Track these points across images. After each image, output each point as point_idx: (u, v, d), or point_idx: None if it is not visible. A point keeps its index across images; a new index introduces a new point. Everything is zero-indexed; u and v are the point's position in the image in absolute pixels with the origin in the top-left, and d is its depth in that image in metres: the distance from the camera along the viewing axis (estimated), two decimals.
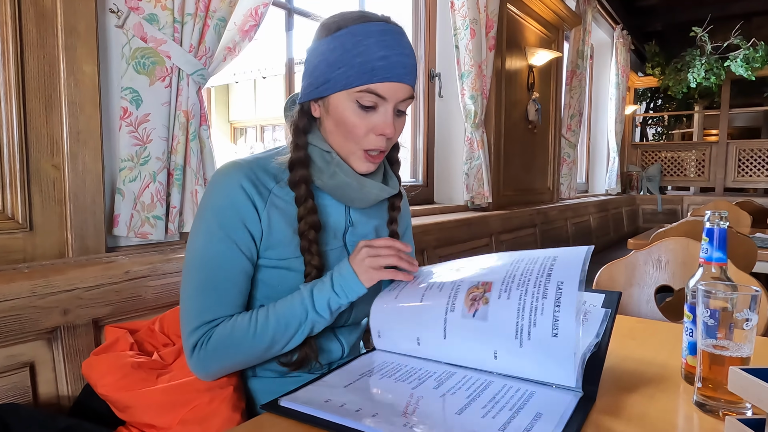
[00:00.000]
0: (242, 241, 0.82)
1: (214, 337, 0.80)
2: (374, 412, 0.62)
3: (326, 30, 0.83)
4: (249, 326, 0.79)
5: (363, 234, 0.93)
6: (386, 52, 0.79)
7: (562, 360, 0.69)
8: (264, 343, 0.80)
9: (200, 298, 0.80)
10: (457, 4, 2.62)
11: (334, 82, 0.81)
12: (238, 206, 0.81)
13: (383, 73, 0.79)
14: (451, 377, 0.73)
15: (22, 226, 1.04)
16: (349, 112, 0.82)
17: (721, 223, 0.73)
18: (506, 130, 3.21)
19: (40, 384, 0.92)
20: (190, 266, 0.82)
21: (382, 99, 0.81)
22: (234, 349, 0.80)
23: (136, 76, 1.20)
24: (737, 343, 0.65)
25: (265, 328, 0.79)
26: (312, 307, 0.79)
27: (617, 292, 0.85)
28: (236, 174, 0.83)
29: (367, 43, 0.79)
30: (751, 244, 1.95)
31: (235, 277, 0.82)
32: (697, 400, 0.68)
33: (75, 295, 0.97)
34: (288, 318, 0.79)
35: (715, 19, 5.77)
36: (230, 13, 1.33)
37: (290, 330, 0.80)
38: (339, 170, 0.85)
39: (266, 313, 0.80)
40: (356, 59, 0.79)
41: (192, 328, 0.80)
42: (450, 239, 2.33)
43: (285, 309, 0.80)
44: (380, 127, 0.83)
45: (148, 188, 1.22)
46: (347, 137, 0.84)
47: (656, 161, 6.63)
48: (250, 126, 11.04)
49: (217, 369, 0.82)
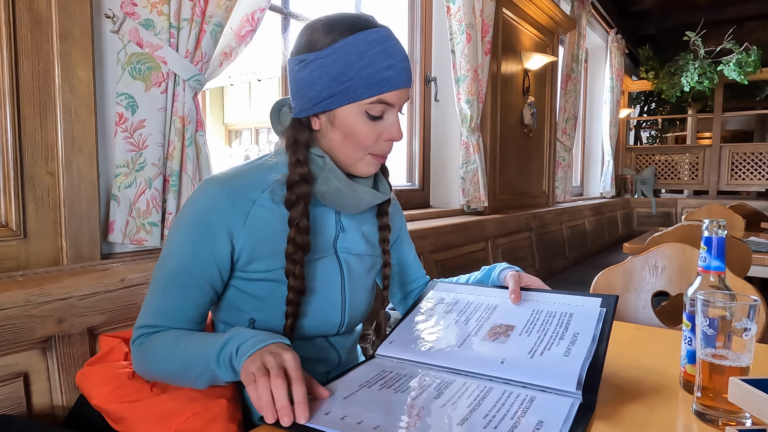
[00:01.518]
0: (207, 260, 0.80)
1: (146, 343, 0.80)
2: (376, 425, 0.61)
3: (321, 40, 0.80)
4: (166, 348, 0.77)
5: (353, 240, 0.92)
6: (391, 60, 0.79)
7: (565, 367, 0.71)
8: (170, 370, 0.77)
9: (153, 301, 0.81)
10: (453, 8, 2.63)
11: (340, 95, 0.79)
12: (208, 232, 0.79)
13: (392, 82, 0.80)
14: (450, 385, 0.72)
15: (16, 233, 1.03)
16: (360, 124, 0.82)
17: (719, 231, 0.73)
18: (502, 134, 3.22)
19: (34, 394, 0.91)
20: (156, 268, 0.82)
21: (390, 106, 0.82)
22: (151, 363, 0.79)
23: (131, 82, 1.20)
24: (736, 353, 0.65)
25: (172, 357, 0.76)
26: (216, 359, 0.71)
27: (614, 295, 0.86)
28: (213, 194, 0.80)
29: (372, 54, 0.78)
30: (746, 248, 1.96)
31: (191, 292, 0.80)
32: (696, 410, 0.68)
33: (70, 304, 0.96)
34: (194, 359, 0.74)
35: (708, 23, 5.82)
36: (227, 18, 1.32)
37: (192, 373, 0.75)
38: (332, 176, 0.84)
39: (185, 342, 0.76)
40: (363, 71, 0.78)
41: (138, 325, 0.81)
42: (446, 244, 2.33)
43: (197, 348, 0.74)
44: (389, 133, 0.83)
45: (144, 194, 1.21)
46: (356, 146, 0.84)
47: (650, 164, 6.67)
48: (245, 128, 11.02)
49: (142, 372, 0.82)
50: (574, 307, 0.86)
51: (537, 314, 0.87)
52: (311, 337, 0.89)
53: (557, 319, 0.84)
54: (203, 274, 0.81)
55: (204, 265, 0.80)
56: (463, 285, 1.02)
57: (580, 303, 0.87)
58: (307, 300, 0.86)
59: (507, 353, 0.78)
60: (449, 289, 1.00)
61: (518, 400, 0.68)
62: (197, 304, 0.82)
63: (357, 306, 0.93)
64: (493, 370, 0.75)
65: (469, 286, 1.00)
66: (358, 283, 0.93)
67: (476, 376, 0.75)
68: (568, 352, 0.75)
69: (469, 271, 1.12)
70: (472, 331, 0.86)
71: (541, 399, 0.68)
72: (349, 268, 0.91)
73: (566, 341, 0.78)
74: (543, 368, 0.73)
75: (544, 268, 3.51)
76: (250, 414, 0.90)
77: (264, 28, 1.46)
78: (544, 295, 0.91)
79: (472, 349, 0.81)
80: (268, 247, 0.82)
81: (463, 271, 1.00)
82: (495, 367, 0.75)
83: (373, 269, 0.98)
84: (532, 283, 0.95)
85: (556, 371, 0.72)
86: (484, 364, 0.76)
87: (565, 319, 0.84)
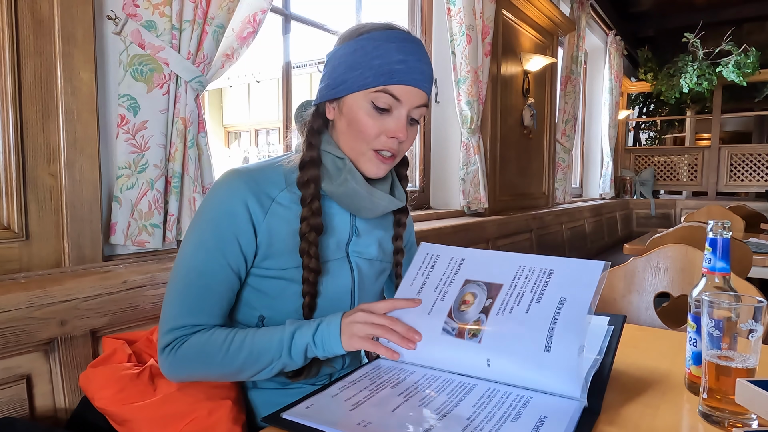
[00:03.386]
0: (231, 254, 0.81)
1: (187, 345, 0.78)
2: (381, 428, 0.61)
3: (348, 36, 0.84)
4: (222, 345, 0.78)
5: (366, 245, 0.93)
6: (405, 56, 0.80)
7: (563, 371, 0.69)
8: (232, 367, 0.78)
9: (180, 301, 0.80)
10: (454, 10, 2.63)
11: (351, 82, 0.82)
12: (233, 219, 0.80)
13: (401, 75, 0.80)
14: (453, 386, 0.72)
15: (18, 235, 1.03)
16: (362, 113, 0.82)
17: (724, 233, 0.73)
18: (502, 135, 3.22)
19: (36, 397, 0.91)
20: (177, 269, 0.81)
21: (397, 101, 0.82)
22: (202, 363, 0.78)
23: (133, 83, 1.19)
24: (742, 354, 0.65)
25: (238, 353, 0.77)
26: (288, 350, 0.77)
27: (622, 315, 0.85)
28: (236, 184, 0.82)
29: (387, 47, 0.80)
30: (747, 249, 1.96)
31: (217, 287, 0.81)
32: (702, 411, 0.68)
33: (72, 306, 0.95)
34: (261, 351, 0.77)
35: (707, 25, 5.83)
36: (228, 20, 1.32)
37: (260, 363, 0.78)
38: (350, 177, 0.84)
39: (243, 338, 0.78)
40: (375, 61, 0.80)
41: (167, 329, 0.79)
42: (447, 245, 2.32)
43: (262, 341, 0.78)
44: (392, 130, 0.83)
45: (146, 196, 1.21)
46: (358, 137, 0.84)
47: (649, 166, 6.67)
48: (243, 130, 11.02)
49: (184, 375, 0.81)
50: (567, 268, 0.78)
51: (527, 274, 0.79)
52: None
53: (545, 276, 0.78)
54: (232, 265, 0.81)
55: (232, 257, 0.80)
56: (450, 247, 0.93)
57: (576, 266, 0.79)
58: (316, 300, 0.86)
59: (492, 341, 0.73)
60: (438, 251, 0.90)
61: (521, 400, 0.68)
62: (229, 298, 0.83)
63: None
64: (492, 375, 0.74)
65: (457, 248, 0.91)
66: (367, 287, 0.93)
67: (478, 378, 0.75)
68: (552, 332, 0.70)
69: None
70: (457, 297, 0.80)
71: (543, 399, 0.68)
72: (360, 272, 0.91)
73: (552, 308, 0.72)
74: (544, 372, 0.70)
75: None
76: (254, 416, 0.90)
77: (263, 30, 1.46)
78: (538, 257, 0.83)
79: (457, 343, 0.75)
80: (283, 244, 0.83)
81: None
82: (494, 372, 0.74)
83: (383, 275, 0.98)
84: None
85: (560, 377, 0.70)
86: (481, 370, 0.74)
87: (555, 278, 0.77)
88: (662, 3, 6.38)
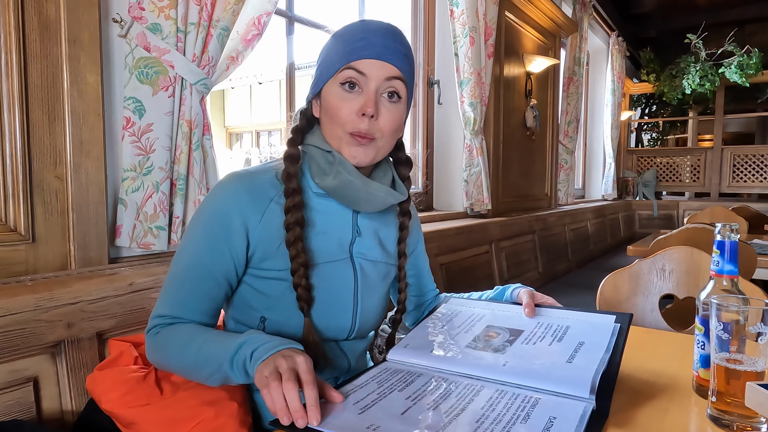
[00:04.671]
0: (220, 256, 0.81)
1: (161, 334, 0.80)
2: (388, 430, 0.61)
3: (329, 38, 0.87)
4: (182, 342, 0.78)
5: (370, 246, 0.92)
6: (366, 34, 0.82)
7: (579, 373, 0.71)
8: (184, 364, 0.78)
9: (167, 292, 0.82)
10: (457, 12, 2.63)
11: (323, 73, 0.85)
12: (225, 222, 0.81)
13: (361, 51, 0.81)
14: (462, 389, 0.72)
15: (25, 237, 1.03)
16: (333, 96, 0.83)
17: (732, 235, 0.73)
18: (505, 136, 3.22)
19: (43, 399, 0.91)
20: (173, 260, 0.83)
21: (362, 76, 0.81)
22: (165, 353, 0.80)
23: (139, 86, 1.20)
24: (752, 357, 0.65)
25: (187, 352, 0.77)
26: (230, 360, 0.71)
27: (628, 313, 0.87)
28: (233, 187, 0.82)
29: (352, 32, 0.83)
30: (751, 250, 1.96)
31: (201, 285, 0.82)
32: (711, 414, 0.68)
33: (79, 308, 0.95)
34: (208, 358, 0.75)
35: (710, 26, 5.83)
36: (233, 23, 1.33)
37: (204, 371, 0.75)
38: (342, 169, 0.84)
39: (201, 339, 0.77)
40: (339, 47, 0.83)
41: (153, 315, 0.82)
42: (450, 247, 2.32)
43: (211, 347, 0.75)
44: (361, 106, 0.82)
45: (151, 198, 1.21)
46: (333, 122, 0.84)
47: (652, 167, 6.67)
48: (245, 131, 11.03)
49: (155, 361, 0.83)
50: (585, 323, 0.87)
51: (546, 325, 0.88)
52: (320, 340, 0.89)
53: (564, 328, 0.86)
54: (219, 266, 0.82)
55: (220, 258, 0.81)
56: (475, 300, 1.02)
57: (593, 320, 0.88)
58: (319, 302, 0.86)
59: (514, 355, 0.79)
60: (462, 304, 1.01)
61: (530, 401, 0.68)
62: (212, 297, 0.83)
63: (369, 312, 0.93)
64: (504, 375, 0.75)
65: (482, 302, 1.01)
66: (371, 289, 0.92)
67: (487, 380, 0.75)
68: (572, 359, 0.76)
69: (473, 274, 1.13)
70: (480, 333, 0.88)
71: (552, 401, 0.68)
72: (363, 273, 0.91)
73: (571, 347, 0.80)
74: (555, 373, 0.73)
75: (547, 270, 3.51)
76: (260, 418, 0.89)
77: (266, 31, 1.47)
78: (557, 311, 0.93)
79: (480, 353, 0.81)
80: (279, 244, 0.83)
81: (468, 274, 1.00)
82: (506, 372, 0.75)
83: (388, 277, 0.98)
84: (546, 300, 0.97)
85: (569, 377, 0.72)
86: (493, 370, 0.76)
87: (573, 330, 0.85)
88: (664, 4, 6.38)
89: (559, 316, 0.91)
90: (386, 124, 0.84)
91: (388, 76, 0.82)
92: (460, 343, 0.85)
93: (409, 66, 0.86)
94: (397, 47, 0.83)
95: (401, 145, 0.97)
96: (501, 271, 2.82)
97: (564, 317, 0.90)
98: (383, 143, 0.86)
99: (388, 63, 0.82)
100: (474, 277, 2.45)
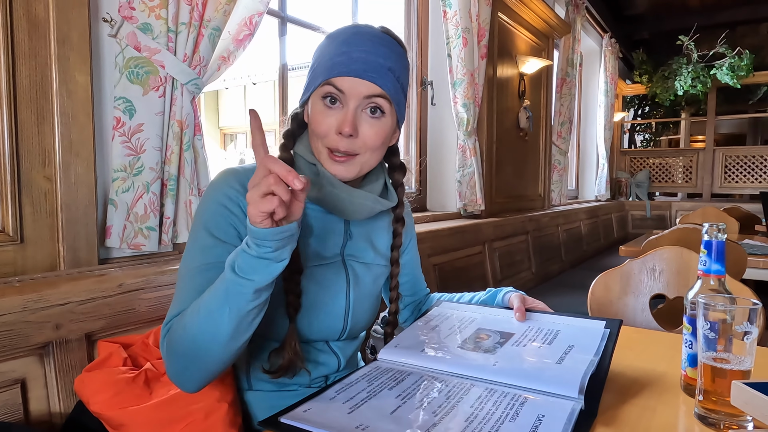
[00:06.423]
0: (228, 240, 0.79)
1: (172, 328, 0.74)
2: (380, 431, 0.61)
3: None
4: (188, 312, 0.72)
5: (361, 249, 0.92)
6: (348, 48, 0.80)
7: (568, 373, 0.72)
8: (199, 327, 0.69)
9: (179, 293, 0.78)
10: (450, 12, 2.64)
11: (309, 83, 0.84)
12: (228, 209, 0.79)
13: (340, 67, 0.79)
14: (452, 388, 0.72)
15: (13, 238, 1.02)
16: (315, 110, 0.82)
17: (719, 235, 0.74)
18: (498, 137, 3.23)
19: (31, 401, 0.90)
20: (181, 264, 0.79)
21: (341, 93, 0.80)
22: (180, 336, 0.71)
23: (129, 86, 1.19)
24: (738, 356, 0.65)
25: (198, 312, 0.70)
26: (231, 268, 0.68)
27: (618, 319, 0.89)
28: (229, 179, 0.81)
29: (336, 42, 0.81)
30: (741, 251, 1.97)
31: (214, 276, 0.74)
32: (698, 413, 0.68)
33: (68, 309, 0.95)
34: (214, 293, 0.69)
35: (701, 27, 5.87)
36: (225, 23, 1.32)
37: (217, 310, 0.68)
38: (326, 183, 0.83)
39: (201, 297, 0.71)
40: (323, 58, 0.82)
41: (166, 320, 0.76)
42: (444, 247, 2.33)
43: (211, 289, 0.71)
44: (339, 125, 0.80)
45: (142, 199, 1.21)
46: (314, 136, 0.83)
47: (644, 167, 6.70)
48: (240, 132, 11.00)
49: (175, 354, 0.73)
50: (575, 327, 0.89)
51: (537, 329, 0.90)
52: (311, 340, 0.89)
53: (554, 332, 0.88)
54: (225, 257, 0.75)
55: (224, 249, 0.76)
56: (467, 304, 1.03)
57: (583, 325, 0.90)
58: (311, 303, 0.85)
59: (504, 356, 0.80)
60: (454, 308, 1.02)
61: (519, 400, 0.68)
62: None
63: (360, 314, 0.93)
64: (493, 375, 0.75)
65: (474, 306, 1.02)
66: (363, 291, 0.92)
67: (477, 380, 0.75)
68: (561, 360, 0.77)
69: (466, 274, 1.13)
70: (471, 335, 0.88)
71: (541, 400, 0.69)
72: (355, 275, 0.91)
73: (560, 350, 0.81)
74: (544, 374, 0.73)
75: (540, 271, 3.52)
76: (250, 419, 0.89)
77: (259, 32, 1.46)
78: (548, 316, 0.94)
79: (470, 354, 0.82)
80: None
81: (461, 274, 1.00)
82: (496, 372, 0.75)
83: (380, 279, 0.98)
84: (537, 305, 0.97)
85: (558, 377, 0.72)
86: (484, 370, 0.77)
87: (563, 334, 0.87)
88: (657, 6, 6.43)
89: (549, 321, 0.93)
90: (368, 139, 0.82)
91: (368, 94, 0.80)
92: (450, 343, 0.86)
93: (394, 81, 0.82)
94: (379, 62, 0.80)
95: (396, 150, 0.96)
96: (494, 271, 2.83)
97: (554, 322, 0.92)
98: (368, 157, 0.84)
99: (367, 81, 0.79)
100: (467, 277, 2.45)
